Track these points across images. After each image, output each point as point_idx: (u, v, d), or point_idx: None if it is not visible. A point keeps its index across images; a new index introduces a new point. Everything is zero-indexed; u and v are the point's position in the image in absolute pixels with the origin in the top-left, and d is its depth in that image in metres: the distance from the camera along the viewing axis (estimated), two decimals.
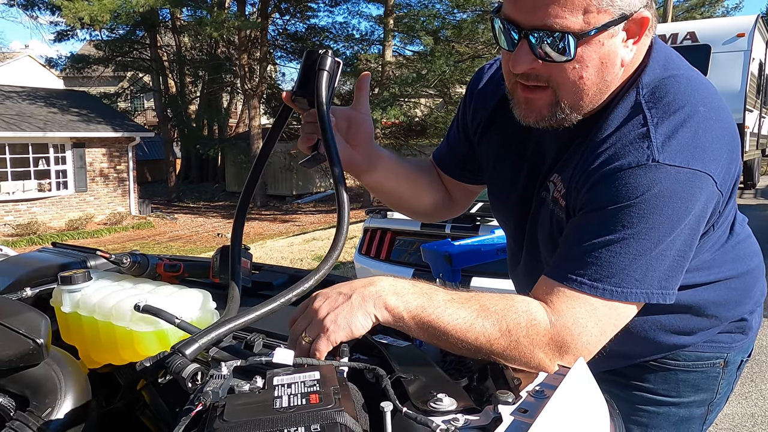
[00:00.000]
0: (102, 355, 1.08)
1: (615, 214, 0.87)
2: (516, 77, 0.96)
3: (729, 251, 1.14)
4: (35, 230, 15.96)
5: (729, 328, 1.21)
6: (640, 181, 0.87)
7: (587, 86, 0.92)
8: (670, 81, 0.95)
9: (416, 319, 0.88)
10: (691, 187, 0.87)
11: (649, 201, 0.86)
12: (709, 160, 0.89)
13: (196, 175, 27.67)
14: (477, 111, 1.23)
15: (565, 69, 0.90)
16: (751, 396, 3.63)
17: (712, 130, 0.91)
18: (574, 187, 0.97)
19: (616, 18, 0.87)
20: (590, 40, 0.87)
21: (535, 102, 0.96)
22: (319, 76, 0.95)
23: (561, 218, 1.01)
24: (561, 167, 1.03)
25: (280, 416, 0.66)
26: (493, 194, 1.28)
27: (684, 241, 0.89)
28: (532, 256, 1.17)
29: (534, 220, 1.13)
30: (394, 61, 19.93)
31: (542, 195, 1.09)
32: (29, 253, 1.54)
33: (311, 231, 13.40)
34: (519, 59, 0.91)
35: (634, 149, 0.89)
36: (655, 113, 0.91)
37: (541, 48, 0.89)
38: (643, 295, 0.88)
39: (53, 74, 27.75)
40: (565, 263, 0.91)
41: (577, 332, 0.87)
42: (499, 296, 0.91)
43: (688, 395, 1.24)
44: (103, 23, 17.33)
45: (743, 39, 8.81)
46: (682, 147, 0.88)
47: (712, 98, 0.95)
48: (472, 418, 0.71)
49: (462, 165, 1.32)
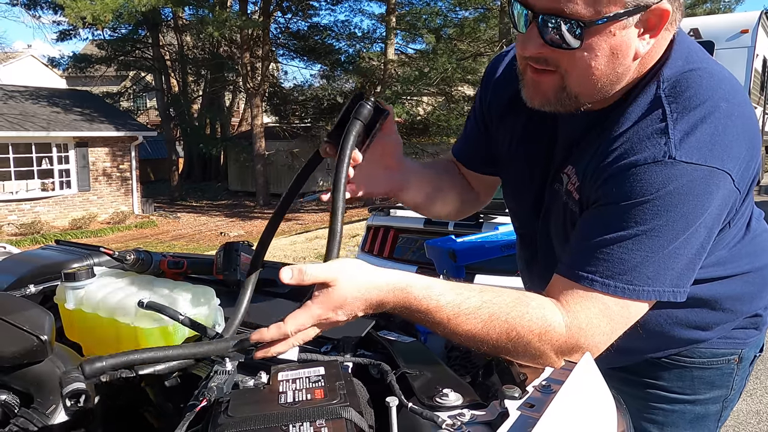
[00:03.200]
0: (106, 352, 1.07)
1: (629, 210, 0.86)
2: (527, 59, 0.95)
3: (745, 246, 1.12)
4: (39, 230, 15.99)
5: (743, 323, 1.20)
6: (656, 178, 0.85)
7: (596, 76, 0.91)
8: (692, 75, 0.93)
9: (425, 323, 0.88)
10: (707, 185, 0.86)
11: (664, 198, 0.84)
12: (728, 157, 0.87)
13: (198, 174, 27.69)
14: (494, 100, 1.22)
15: (574, 56, 0.89)
16: (756, 393, 3.62)
17: (733, 126, 0.89)
18: (588, 180, 0.95)
19: (630, 9, 0.85)
20: (600, 30, 0.86)
21: (542, 85, 0.95)
22: (350, 127, 0.94)
23: (574, 211, 1.00)
24: (575, 159, 1.02)
25: (285, 411, 0.66)
26: (508, 184, 1.27)
27: (699, 239, 0.88)
28: (545, 248, 1.16)
29: (547, 212, 1.12)
30: (396, 60, 19.88)
31: (555, 187, 1.08)
32: (33, 250, 1.54)
33: (314, 229, 13.41)
34: (528, 42, 0.90)
35: (651, 144, 0.87)
36: (675, 108, 0.89)
37: (550, 33, 0.88)
38: (654, 293, 0.87)
39: (56, 74, 27.82)
40: (577, 259, 0.90)
41: (591, 332, 0.87)
42: (513, 302, 0.88)
43: (704, 392, 1.23)
44: (106, 22, 17.33)
45: (747, 35, 8.76)
46: (701, 144, 0.86)
47: (735, 93, 0.93)
48: (478, 413, 0.71)
49: (483, 157, 1.30)
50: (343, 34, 21.41)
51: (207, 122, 24.80)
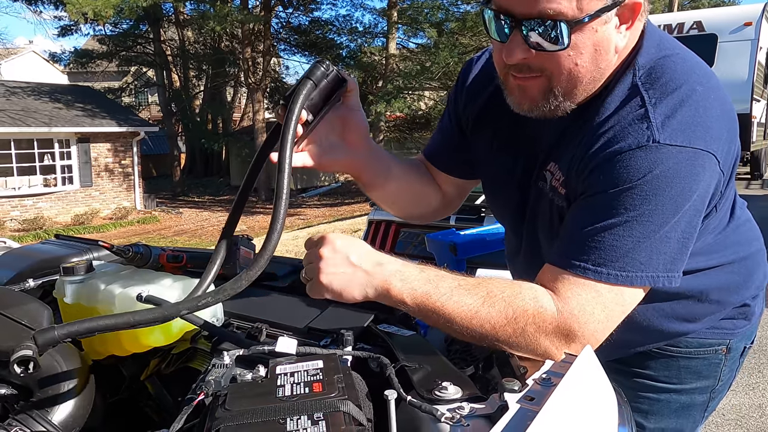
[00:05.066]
0: (105, 347, 1.07)
1: (617, 197, 0.86)
2: (509, 68, 0.94)
3: (730, 235, 1.12)
4: (41, 225, 16.03)
5: (732, 313, 1.20)
6: (642, 163, 0.85)
7: (582, 74, 0.90)
8: (666, 61, 0.93)
9: (420, 306, 0.89)
10: (693, 167, 0.86)
11: (651, 183, 0.84)
12: (711, 138, 0.87)
13: (200, 169, 27.71)
14: (469, 104, 1.21)
15: (559, 57, 0.88)
16: (758, 387, 3.62)
17: (712, 108, 0.89)
18: (573, 174, 0.95)
19: (609, 4, 0.85)
20: (584, 27, 0.86)
21: (529, 89, 0.94)
22: (301, 85, 0.91)
23: (561, 207, 1.00)
24: (557, 155, 1.02)
25: (282, 405, 0.66)
26: (489, 188, 1.26)
27: (688, 222, 0.88)
28: (532, 249, 1.15)
29: (533, 212, 1.11)
30: (397, 54, 19.85)
31: (539, 185, 1.07)
32: (32, 245, 1.54)
33: (316, 224, 13.42)
34: (512, 50, 0.90)
35: (634, 131, 0.87)
36: (653, 93, 0.90)
37: (535, 38, 0.87)
38: (648, 278, 0.87)
39: (57, 69, 27.82)
40: (568, 249, 0.90)
41: (584, 320, 0.86)
42: (507, 283, 0.91)
43: (690, 382, 1.23)
44: (107, 18, 17.33)
45: (750, 28, 8.73)
46: (683, 126, 0.86)
47: (709, 77, 0.94)
48: (478, 407, 0.71)
49: (457, 159, 1.28)
50: (344, 29, 21.39)
51: (209, 117, 24.81)
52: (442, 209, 1.37)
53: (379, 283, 0.89)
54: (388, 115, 19.08)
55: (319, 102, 0.95)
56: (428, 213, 1.35)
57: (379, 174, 1.17)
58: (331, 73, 0.93)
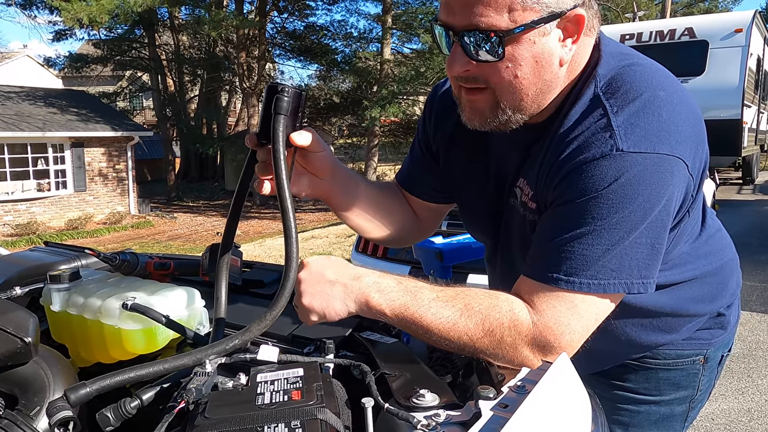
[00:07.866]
0: (91, 354, 1.08)
1: (584, 206, 0.87)
2: (458, 81, 0.96)
3: (703, 245, 1.13)
4: (35, 230, 15.95)
5: (708, 324, 1.21)
6: (607, 172, 0.85)
7: (524, 86, 0.91)
8: (626, 70, 0.94)
9: (399, 317, 0.90)
10: (660, 173, 0.86)
11: (617, 191, 0.85)
12: (677, 142, 0.87)
13: (195, 173, 27.64)
14: (438, 128, 1.22)
15: (499, 69, 0.90)
16: (747, 391, 3.64)
17: (676, 113, 0.89)
18: (542, 187, 0.96)
19: (544, 16, 0.86)
20: (519, 39, 0.87)
21: (477, 104, 0.96)
22: (276, 122, 0.93)
23: (533, 221, 1.01)
24: (525, 171, 1.03)
25: (260, 413, 0.66)
26: (464, 211, 1.26)
27: (659, 227, 0.88)
28: (510, 266, 1.15)
29: (507, 229, 1.12)
30: (392, 59, 19.87)
31: (511, 202, 1.08)
32: (20, 252, 1.55)
33: (310, 229, 13.40)
34: (453, 61, 0.92)
35: (597, 141, 0.88)
36: (614, 102, 0.90)
37: (473, 49, 0.89)
38: (621, 285, 0.88)
39: (52, 74, 27.72)
40: (540, 260, 0.91)
41: (560, 331, 0.88)
42: (485, 294, 0.91)
43: (669, 393, 1.24)
44: (102, 24, 17.28)
45: (741, 34, 8.79)
46: (647, 133, 0.86)
47: (670, 82, 0.94)
48: (454, 414, 0.72)
49: (429, 184, 1.28)
50: (339, 34, 21.39)
51: (203, 122, 24.76)
52: (418, 232, 1.36)
53: (358, 296, 0.90)
54: (383, 120, 19.10)
55: (291, 122, 0.96)
56: (405, 236, 1.33)
57: (348, 194, 1.17)
58: (291, 95, 0.94)
